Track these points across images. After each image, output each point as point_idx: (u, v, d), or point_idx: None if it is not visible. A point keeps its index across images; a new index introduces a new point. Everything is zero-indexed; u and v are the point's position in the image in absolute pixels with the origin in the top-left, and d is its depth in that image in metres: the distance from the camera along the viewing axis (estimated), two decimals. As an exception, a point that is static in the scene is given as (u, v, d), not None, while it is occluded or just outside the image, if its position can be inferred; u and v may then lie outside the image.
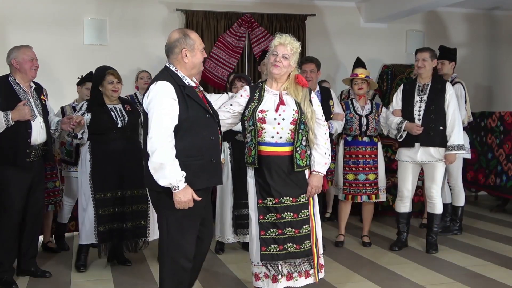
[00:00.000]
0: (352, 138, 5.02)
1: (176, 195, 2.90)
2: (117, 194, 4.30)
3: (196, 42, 3.05)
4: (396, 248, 4.98)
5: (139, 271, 4.44)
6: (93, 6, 6.69)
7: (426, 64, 4.76)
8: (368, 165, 4.97)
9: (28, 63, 4.01)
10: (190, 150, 2.95)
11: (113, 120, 4.29)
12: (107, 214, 4.27)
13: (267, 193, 3.35)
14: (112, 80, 4.34)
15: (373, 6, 7.33)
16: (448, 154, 4.70)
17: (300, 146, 3.34)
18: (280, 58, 3.33)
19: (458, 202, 5.54)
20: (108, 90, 4.34)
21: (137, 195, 4.35)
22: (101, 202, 4.25)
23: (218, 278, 4.20)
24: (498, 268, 4.43)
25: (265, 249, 3.36)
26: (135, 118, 4.42)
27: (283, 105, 3.33)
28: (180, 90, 2.96)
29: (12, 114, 3.85)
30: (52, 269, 4.39)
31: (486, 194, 7.38)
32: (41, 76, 4.32)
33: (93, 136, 4.29)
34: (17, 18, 6.41)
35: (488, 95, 8.07)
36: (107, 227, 4.29)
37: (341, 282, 4.09)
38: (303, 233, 3.37)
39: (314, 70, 4.91)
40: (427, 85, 4.80)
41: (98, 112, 4.29)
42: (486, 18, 8.07)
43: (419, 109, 4.77)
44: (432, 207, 4.90)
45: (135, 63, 6.62)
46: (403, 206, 4.98)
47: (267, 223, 3.36)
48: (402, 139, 4.82)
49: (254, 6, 7.10)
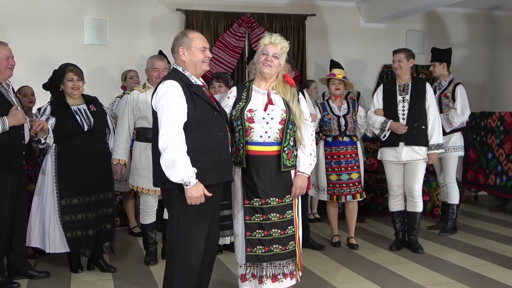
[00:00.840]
0: (333, 139, 5.01)
1: (188, 191, 2.95)
2: (85, 200, 4.15)
3: (193, 40, 3.12)
4: (394, 248, 4.99)
5: (139, 271, 4.44)
6: (93, 6, 6.69)
7: (402, 65, 4.86)
8: (350, 165, 4.97)
9: (3, 62, 3.89)
10: (199, 147, 3.01)
11: (79, 124, 4.11)
12: (74, 221, 4.12)
13: (254, 194, 3.34)
14: (72, 77, 4.16)
15: (373, 6, 7.33)
16: (431, 153, 4.79)
17: (288, 146, 3.34)
18: (271, 57, 3.33)
19: (453, 200, 5.56)
20: (67, 87, 4.15)
21: (102, 199, 4.24)
22: (67, 209, 4.10)
23: (218, 278, 4.19)
24: (498, 268, 4.43)
25: (251, 250, 3.35)
26: (101, 119, 4.27)
27: (271, 104, 3.33)
28: (188, 89, 3.04)
29: (8, 120, 3.76)
30: (51, 269, 4.38)
31: (486, 194, 7.38)
32: (41, 77, 4.32)
33: (58, 140, 4.13)
34: (17, 18, 6.41)
35: (488, 95, 8.06)
36: (77, 234, 4.14)
37: (341, 282, 4.09)
38: (288, 234, 3.37)
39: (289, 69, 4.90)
40: (408, 85, 4.88)
41: (62, 116, 4.11)
42: (486, 18, 8.06)
43: (403, 109, 4.83)
44: (414, 205, 4.92)
45: (135, 63, 6.62)
46: (396, 205, 5.01)
47: (253, 224, 3.35)
48: (385, 138, 4.86)
49: (254, 6, 7.10)
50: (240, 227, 3.41)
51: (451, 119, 5.37)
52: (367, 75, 7.55)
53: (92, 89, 5.74)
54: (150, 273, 4.35)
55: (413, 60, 4.93)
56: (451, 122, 5.38)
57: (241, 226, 3.40)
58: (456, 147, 5.49)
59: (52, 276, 4.27)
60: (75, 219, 4.14)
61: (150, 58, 4.63)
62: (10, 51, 3.99)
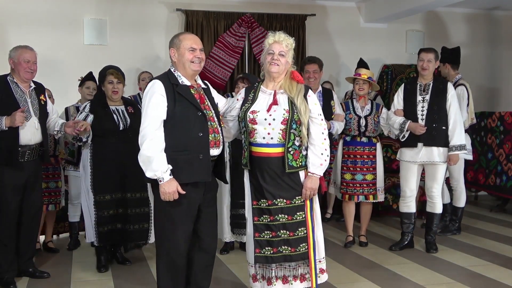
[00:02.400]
0: (351, 139, 5.02)
1: (161, 186, 3.02)
2: (117, 196, 4.30)
3: (182, 41, 3.19)
4: (394, 248, 4.98)
5: (139, 271, 4.44)
6: (93, 6, 6.69)
7: (430, 66, 4.76)
8: (366, 166, 4.97)
9: (23, 65, 3.98)
10: (177, 145, 3.07)
11: (115, 123, 4.30)
12: (107, 216, 4.28)
13: (261, 195, 3.32)
14: (112, 80, 4.34)
15: (373, 6, 7.34)
16: (452, 155, 4.70)
17: (293, 146, 3.28)
18: (277, 56, 3.29)
19: (459, 203, 5.53)
20: (108, 90, 4.35)
21: (139, 197, 4.37)
22: (100, 204, 4.27)
23: (218, 278, 4.19)
24: (498, 268, 4.43)
25: (259, 251, 3.34)
26: (137, 121, 4.32)
27: (275, 105, 3.29)
28: (172, 88, 3.12)
29: (6, 120, 3.84)
30: (52, 269, 4.39)
31: (486, 194, 7.38)
32: (41, 76, 4.31)
33: (95, 138, 4.29)
34: (17, 18, 6.41)
35: (488, 95, 8.06)
36: (107, 228, 4.29)
37: (341, 282, 4.09)
38: (298, 235, 3.32)
39: (317, 70, 4.94)
40: (429, 85, 4.80)
41: (100, 114, 4.29)
42: (486, 18, 8.07)
43: (422, 109, 4.77)
44: (432, 206, 4.90)
45: (135, 63, 6.63)
46: (406, 206, 4.97)
47: (261, 225, 3.33)
48: (404, 139, 4.81)
49: (254, 6, 7.10)
50: (249, 228, 3.40)
51: None
52: (367, 75, 7.54)
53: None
54: (150, 273, 4.35)
55: (438, 63, 4.89)
56: None
57: (250, 226, 3.39)
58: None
59: (52, 276, 4.27)
60: (107, 214, 4.28)
61: None
62: (33, 56, 4.08)
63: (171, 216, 3.14)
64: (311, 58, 5.12)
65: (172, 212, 3.12)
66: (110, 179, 4.27)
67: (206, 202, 3.25)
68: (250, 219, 3.39)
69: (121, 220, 4.34)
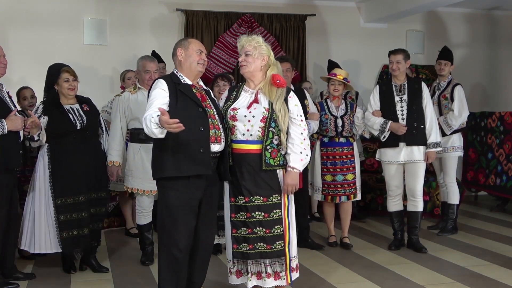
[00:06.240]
0: (329, 139, 5.01)
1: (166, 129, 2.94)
2: (80, 199, 4.13)
3: (191, 43, 3.36)
4: (393, 247, 4.99)
5: (139, 271, 4.44)
6: (93, 6, 6.69)
7: (400, 66, 4.84)
8: (346, 166, 4.97)
9: None
10: (179, 139, 3.12)
11: (72, 123, 4.10)
12: (69, 220, 4.09)
13: (239, 192, 3.38)
14: (68, 78, 4.15)
15: (373, 6, 7.33)
16: (429, 152, 4.80)
17: (271, 144, 3.36)
18: (243, 57, 3.41)
19: (452, 200, 5.56)
20: (64, 88, 4.14)
21: (95, 198, 4.23)
22: (62, 208, 4.07)
23: (218, 278, 4.19)
24: (498, 268, 4.43)
25: (237, 247, 3.41)
26: (94, 118, 4.26)
27: (256, 103, 3.38)
28: (174, 86, 3.24)
29: (7, 124, 3.75)
30: (51, 270, 4.39)
31: (486, 194, 7.38)
32: (41, 76, 4.31)
33: (51, 140, 4.10)
34: (17, 18, 6.40)
35: (488, 95, 8.06)
36: (71, 234, 4.11)
37: (341, 282, 4.09)
38: (274, 233, 3.37)
39: (290, 69, 4.95)
40: (404, 85, 4.88)
41: (55, 115, 4.09)
42: (486, 18, 8.06)
43: (402, 109, 4.83)
44: (415, 205, 4.93)
45: (135, 63, 6.60)
46: (394, 205, 5.01)
47: (238, 221, 3.40)
48: (385, 139, 4.85)
49: (254, 6, 7.10)
50: (228, 224, 3.47)
51: (450, 122, 5.37)
52: (367, 75, 7.54)
53: (91, 89, 5.79)
54: (149, 273, 4.35)
55: (409, 61, 4.94)
56: (450, 125, 5.38)
57: (228, 223, 3.46)
58: (455, 147, 5.49)
59: (52, 276, 4.27)
60: (71, 218, 4.11)
61: (141, 59, 4.62)
62: (0, 49, 3.95)
63: (174, 215, 3.20)
64: (283, 57, 5.17)
65: (175, 207, 3.19)
66: (71, 181, 4.07)
67: (206, 198, 3.31)
68: (228, 216, 3.45)
69: (83, 223, 4.13)
